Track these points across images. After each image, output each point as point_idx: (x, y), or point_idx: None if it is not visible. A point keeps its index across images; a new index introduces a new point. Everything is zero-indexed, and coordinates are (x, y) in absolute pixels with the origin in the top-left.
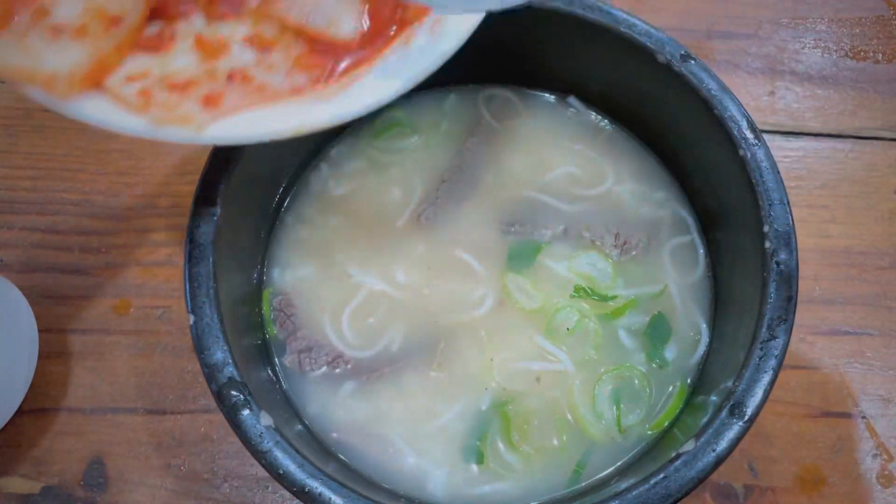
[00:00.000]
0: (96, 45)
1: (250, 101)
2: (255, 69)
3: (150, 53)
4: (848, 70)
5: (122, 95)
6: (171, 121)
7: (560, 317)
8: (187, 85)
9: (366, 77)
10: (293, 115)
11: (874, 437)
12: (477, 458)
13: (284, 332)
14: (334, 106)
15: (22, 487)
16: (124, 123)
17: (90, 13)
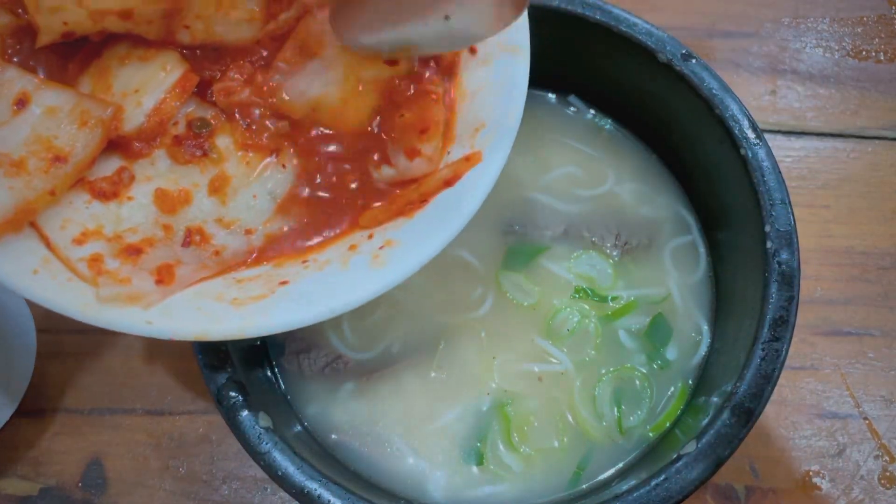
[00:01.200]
0: (30, 185)
1: (204, 273)
2: (214, 226)
3: (103, 201)
4: (850, 69)
5: (70, 261)
6: (117, 299)
7: (560, 318)
8: (141, 249)
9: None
10: (236, 318)
11: (876, 438)
12: (477, 460)
13: (283, 333)
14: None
15: (20, 488)
16: (68, 293)
17: (35, 144)
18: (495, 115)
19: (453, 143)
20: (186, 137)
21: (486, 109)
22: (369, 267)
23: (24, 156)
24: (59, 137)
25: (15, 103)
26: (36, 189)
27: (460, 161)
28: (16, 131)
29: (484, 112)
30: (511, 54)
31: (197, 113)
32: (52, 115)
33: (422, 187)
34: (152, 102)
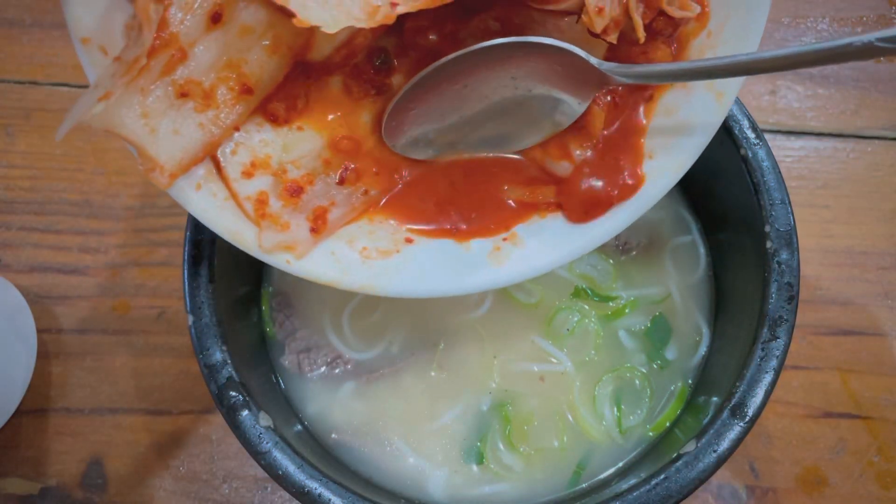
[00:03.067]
0: (218, 121)
1: (352, 215)
2: (369, 162)
3: (274, 126)
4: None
5: (239, 197)
6: (277, 247)
7: (560, 317)
8: (301, 188)
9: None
10: (364, 273)
11: (875, 438)
12: (477, 459)
13: (283, 333)
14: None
15: (21, 488)
16: (237, 235)
17: (226, 70)
18: (667, 152)
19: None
20: (365, 71)
21: (663, 141)
22: (487, 258)
23: (214, 84)
24: (249, 63)
25: (210, 17)
26: (223, 124)
27: (622, 184)
28: (208, 51)
29: (658, 142)
30: (714, 98)
31: (381, 42)
32: (246, 36)
33: (564, 195)
34: (346, 34)
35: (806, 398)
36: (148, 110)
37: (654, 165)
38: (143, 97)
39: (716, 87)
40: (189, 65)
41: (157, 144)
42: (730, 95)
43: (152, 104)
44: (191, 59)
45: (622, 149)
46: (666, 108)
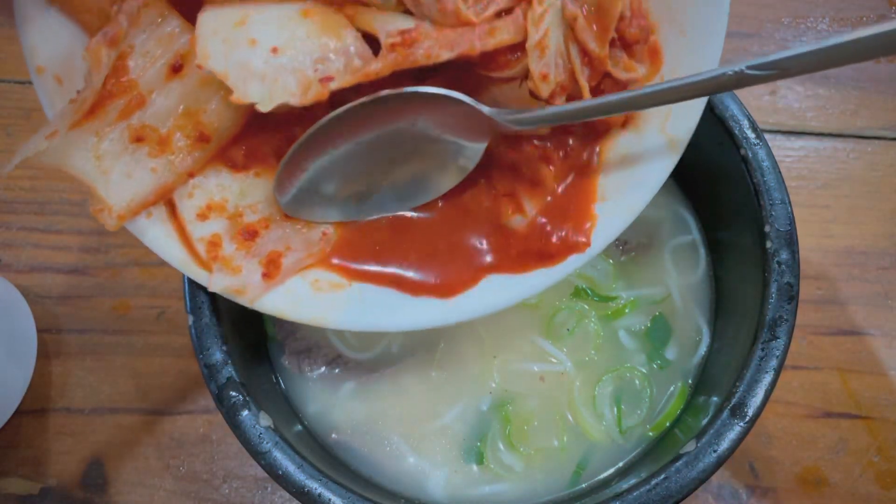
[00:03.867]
0: (172, 167)
1: (309, 261)
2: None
3: (233, 172)
4: (849, 69)
5: (191, 237)
6: (225, 291)
7: (560, 317)
8: (256, 231)
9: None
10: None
11: (875, 438)
12: (477, 459)
13: (283, 333)
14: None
15: (21, 488)
16: (188, 268)
17: (183, 118)
18: (620, 194)
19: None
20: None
21: (616, 184)
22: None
23: (171, 131)
24: (207, 112)
25: (171, 67)
26: (177, 171)
27: (573, 242)
28: (166, 99)
29: (612, 184)
30: (666, 142)
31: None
32: (205, 87)
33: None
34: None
35: (806, 398)
36: (101, 153)
37: (607, 207)
38: (97, 139)
39: (668, 132)
40: (147, 111)
41: (108, 186)
42: (681, 139)
43: (106, 147)
44: (149, 106)
45: (574, 205)
46: (618, 153)
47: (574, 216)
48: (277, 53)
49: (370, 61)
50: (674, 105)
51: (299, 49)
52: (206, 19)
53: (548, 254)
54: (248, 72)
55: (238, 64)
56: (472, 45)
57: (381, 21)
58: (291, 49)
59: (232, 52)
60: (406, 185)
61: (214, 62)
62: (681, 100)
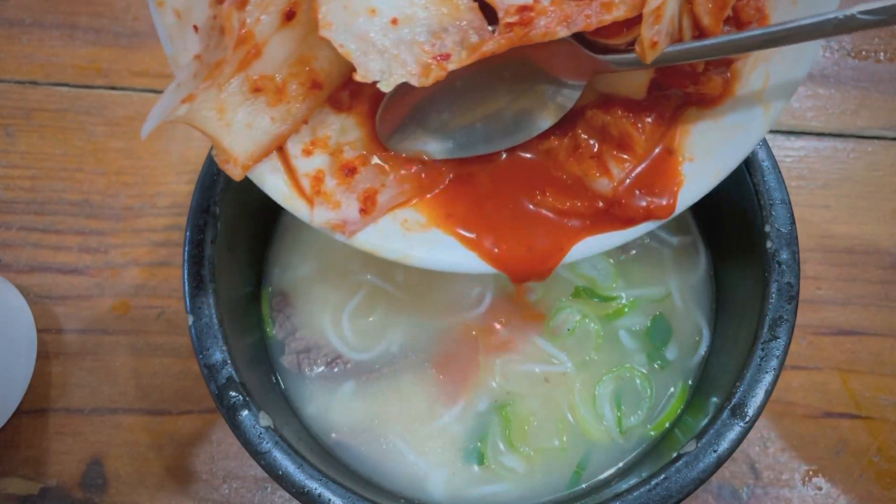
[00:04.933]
0: (289, 115)
1: (401, 199)
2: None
3: (336, 111)
4: (850, 69)
5: (296, 171)
6: (326, 225)
7: (560, 318)
8: (355, 168)
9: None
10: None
11: (875, 438)
12: (477, 459)
13: (283, 333)
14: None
15: (21, 488)
16: (291, 203)
17: (297, 66)
18: (708, 156)
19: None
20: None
21: (706, 146)
22: None
23: (286, 79)
24: (319, 59)
25: (284, 15)
26: (294, 118)
27: (658, 205)
28: (281, 48)
29: (700, 147)
30: (761, 111)
31: None
32: (317, 34)
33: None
34: None
35: (806, 398)
36: (223, 105)
37: (694, 167)
38: (219, 92)
39: (764, 100)
40: (263, 61)
41: (232, 137)
42: (777, 108)
43: (228, 99)
44: (265, 56)
45: (660, 169)
46: (712, 117)
47: (661, 181)
48: (397, 25)
49: (486, 38)
50: (771, 74)
51: (418, 21)
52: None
53: (630, 218)
54: (368, 45)
55: (358, 36)
56: (587, 23)
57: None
58: (410, 21)
59: (352, 22)
60: (505, 121)
61: (336, 33)
62: (800, 41)
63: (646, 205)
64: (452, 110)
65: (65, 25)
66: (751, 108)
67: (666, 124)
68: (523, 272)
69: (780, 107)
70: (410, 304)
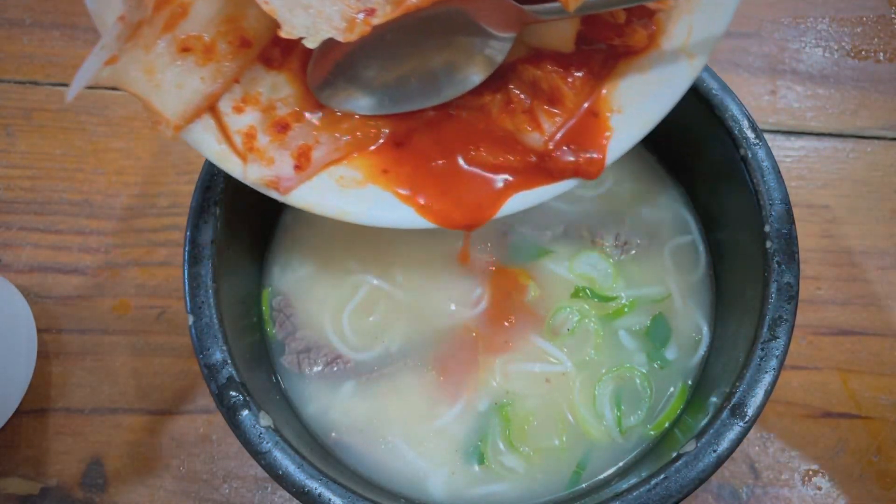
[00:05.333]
0: (218, 74)
1: (336, 156)
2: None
3: (267, 68)
4: (849, 69)
5: (228, 128)
6: (259, 181)
7: (560, 317)
8: (288, 125)
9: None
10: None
11: (875, 438)
12: (477, 459)
13: (283, 333)
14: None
15: (21, 488)
16: (224, 162)
17: (224, 24)
18: (636, 107)
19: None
20: None
21: (633, 98)
22: None
23: (214, 38)
24: (247, 17)
25: None
26: (225, 77)
27: (588, 159)
28: (207, 6)
29: (628, 98)
30: (687, 60)
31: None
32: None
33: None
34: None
35: (806, 398)
36: (152, 66)
37: (623, 119)
38: (146, 53)
39: (687, 50)
40: (190, 20)
41: (162, 98)
42: (701, 59)
43: (156, 60)
44: (192, 15)
45: (589, 125)
46: (638, 68)
47: (590, 136)
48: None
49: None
50: (694, 26)
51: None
52: None
53: (560, 172)
54: (292, 1)
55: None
56: None
57: None
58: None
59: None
60: (436, 75)
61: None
62: None
63: (575, 159)
64: (383, 65)
65: (65, 25)
66: (676, 60)
67: (595, 78)
68: (456, 225)
69: (703, 57)
70: (410, 304)
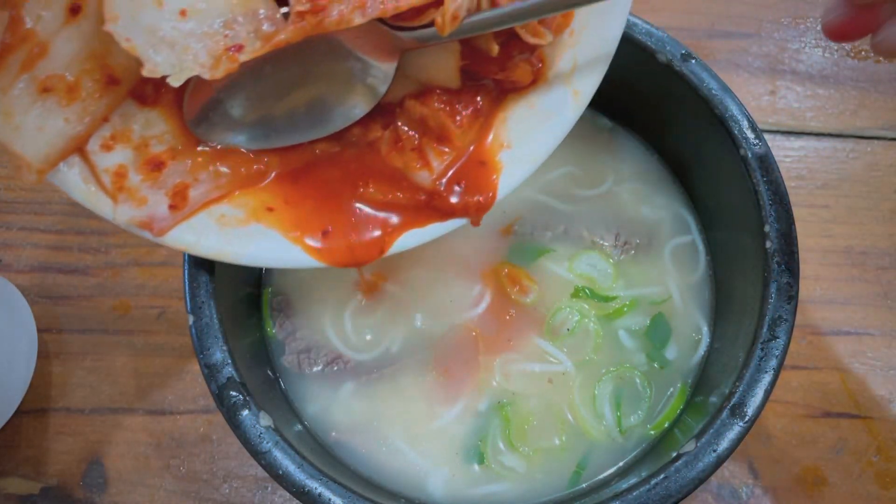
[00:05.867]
0: (84, 113)
1: (216, 194)
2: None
3: (139, 105)
4: (849, 69)
5: (96, 168)
6: (131, 223)
7: (560, 317)
8: (163, 162)
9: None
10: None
11: (875, 438)
12: (477, 459)
13: (284, 333)
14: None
15: (21, 488)
16: (93, 202)
17: (89, 61)
18: (524, 143)
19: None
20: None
21: (521, 133)
22: None
23: (78, 77)
24: (114, 53)
25: (69, 9)
26: (92, 116)
27: (476, 202)
28: (69, 44)
29: (516, 134)
30: (571, 94)
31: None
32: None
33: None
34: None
35: (805, 398)
36: (10, 108)
37: (513, 155)
38: (2, 96)
39: (573, 85)
40: (50, 59)
41: (23, 142)
42: (586, 93)
43: (13, 102)
44: (51, 54)
45: (477, 165)
46: (525, 105)
47: (479, 176)
48: (186, 17)
49: (280, 27)
50: (579, 60)
51: (207, 12)
52: None
53: (450, 212)
54: (156, 38)
55: (146, 29)
56: (384, 9)
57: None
58: (199, 12)
59: (139, 14)
60: (317, 107)
61: (121, 27)
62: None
63: (465, 200)
64: (261, 97)
65: None
66: (562, 94)
67: (484, 115)
68: (345, 264)
69: (588, 92)
70: (410, 304)
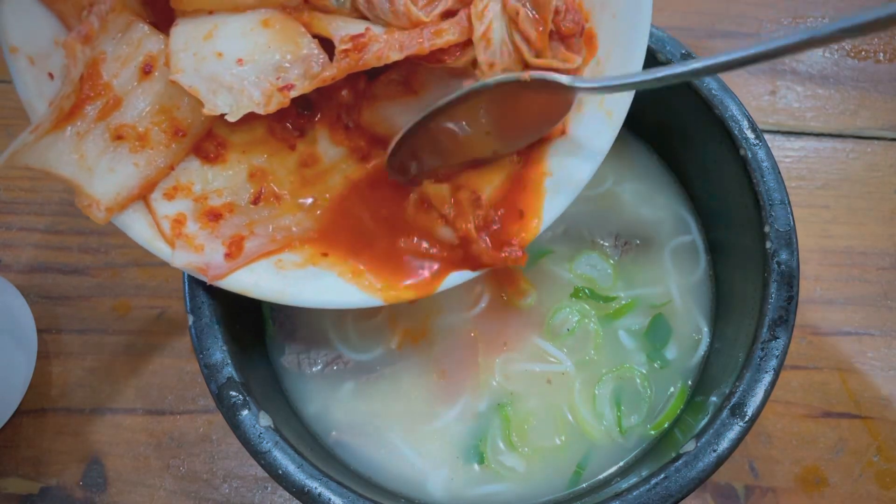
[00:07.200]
0: (152, 161)
1: (271, 247)
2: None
3: (203, 162)
4: (849, 70)
5: (157, 215)
6: (188, 267)
7: (560, 317)
8: (220, 214)
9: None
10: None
11: (875, 438)
12: (477, 459)
13: (283, 333)
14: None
15: (21, 488)
16: (152, 245)
17: (159, 115)
18: (565, 169)
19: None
20: (289, 115)
21: (560, 160)
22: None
23: (148, 128)
24: (181, 108)
25: (142, 69)
26: (158, 165)
27: (507, 256)
28: (141, 100)
29: (556, 161)
30: (605, 116)
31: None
32: (177, 86)
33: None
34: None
35: (805, 398)
36: (84, 151)
37: (554, 182)
38: (79, 139)
39: (605, 106)
40: (123, 111)
41: (93, 182)
42: (619, 114)
43: (88, 146)
44: (125, 106)
45: (513, 217)
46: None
47: (516, 233)
48: (242, 64)
49: (326, 67)
50: (606, 99)
51: (261, 59)
52: (177, 34)
53: (489, 264)
54: (217, 84)
55: (208, 77)
56: (420, 47)
57: (334, 26)
58: (254, 60)
59: (202, 66)
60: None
61: (186, 77)
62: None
63: (503, 255)
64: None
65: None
66: (596, 117)
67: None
68: (405, 301)
69: (621, 111)
70: (410, 304)
